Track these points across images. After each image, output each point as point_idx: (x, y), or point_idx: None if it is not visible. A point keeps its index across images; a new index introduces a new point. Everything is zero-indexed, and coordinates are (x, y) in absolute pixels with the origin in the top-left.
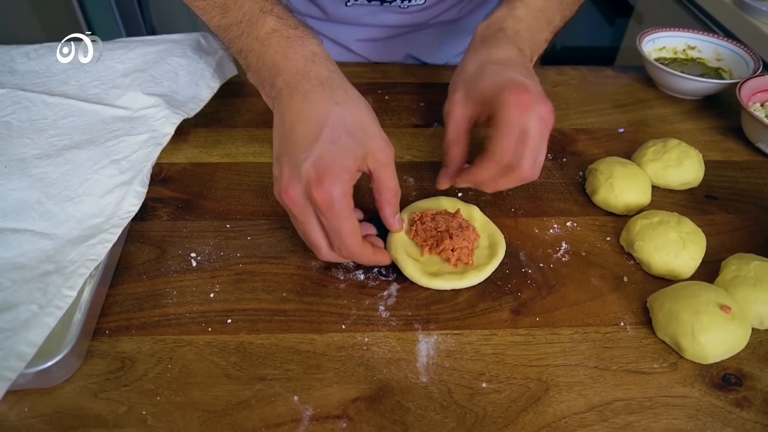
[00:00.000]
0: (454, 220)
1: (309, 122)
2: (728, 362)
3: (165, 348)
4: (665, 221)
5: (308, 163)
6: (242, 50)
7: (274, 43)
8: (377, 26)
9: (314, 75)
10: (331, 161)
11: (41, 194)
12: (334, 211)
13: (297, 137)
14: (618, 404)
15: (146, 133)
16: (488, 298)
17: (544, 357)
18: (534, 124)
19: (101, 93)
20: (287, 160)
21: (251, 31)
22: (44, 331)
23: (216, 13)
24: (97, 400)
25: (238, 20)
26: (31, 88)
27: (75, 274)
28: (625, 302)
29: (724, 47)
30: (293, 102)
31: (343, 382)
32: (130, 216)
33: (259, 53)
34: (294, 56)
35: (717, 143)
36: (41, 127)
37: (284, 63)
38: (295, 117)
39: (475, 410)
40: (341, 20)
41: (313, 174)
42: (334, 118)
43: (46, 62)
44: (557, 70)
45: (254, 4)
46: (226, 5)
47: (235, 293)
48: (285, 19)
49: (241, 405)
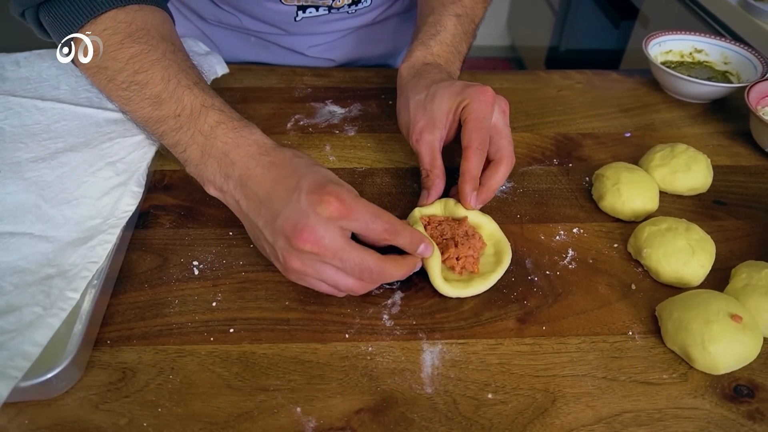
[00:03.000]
0: (460, 228)
1: (284, 177)
2: (740, 373)
3: (166, 358)
4: (674, 228)
5: (303, 200)
6: (179, 143)
7: (221, 135)
8: (329, 32)
9: (271, 151)
10: (322, 186)
11: (38, 197)
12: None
13: (279, 196)
14: (627, 416)
15: (140, 135)
16: (494, 306)
17: (551, 367)
18: (499, 117)
19: (93, 97)
20: (276, 229)
21: (192, 124)
22: (49, 332)
23: (147, 105)
24: (97, 412)
25: (176, 113)
26: (23, 94)
27: (78, 277)
28: (633, 311)
29: (731, 50)
30: (262, 175)
31: (347, 393)
32: (127, 216)
33: (204, 146)
34: (244, 143)
35: (725, 148)
36: (34, 131)
37: (237, 152)
38: (270, 184)
39: (481, 422)
40: (293, 32)
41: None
42: (300, 161)
43: (37, 68)
44: (563, 73)
45: (195, 98)
46: (161, 98)
47: (238, 302)
48: (227, 112)
49: (243, 416)
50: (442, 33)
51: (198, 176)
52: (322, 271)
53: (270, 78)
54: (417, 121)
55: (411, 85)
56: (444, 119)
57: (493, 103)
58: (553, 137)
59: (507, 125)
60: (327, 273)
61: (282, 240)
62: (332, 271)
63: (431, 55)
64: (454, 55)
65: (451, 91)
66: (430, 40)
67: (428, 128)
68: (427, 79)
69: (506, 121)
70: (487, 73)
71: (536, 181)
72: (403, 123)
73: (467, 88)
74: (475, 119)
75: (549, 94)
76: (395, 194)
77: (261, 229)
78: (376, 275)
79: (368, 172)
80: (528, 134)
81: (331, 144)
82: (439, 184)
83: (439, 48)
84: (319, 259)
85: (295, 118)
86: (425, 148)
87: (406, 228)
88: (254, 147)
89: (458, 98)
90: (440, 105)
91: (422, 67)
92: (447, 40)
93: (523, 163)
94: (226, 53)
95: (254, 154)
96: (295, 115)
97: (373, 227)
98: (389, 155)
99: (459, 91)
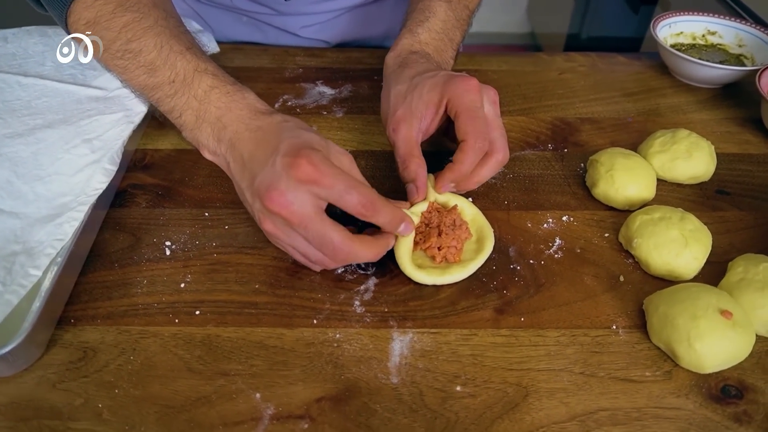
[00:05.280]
0: (448, 217)
1: (267, 140)
2: (729, 372)
3: (129, 339)
4: (667, 217)
5: (278, 162)
6: (174, 109)
7: (215, 99)
8: (320, 13)
9: (261, 115)
10: (298, 149)
11: (11, 173)
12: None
13: (259, 158)
14: (602, 414)
15: (120, 112)
16: (471, 295)
17: (526, 360)
18: (489, 108)
19: (77, 74)
20: (253, 190)
21: (187, 90)
22: (5, 309)
23: (141, 72)
24: (54, 391)
25: (170, 80)
26: (7, 70)
27: (42, 254)
28: (619, 304)
29: (746, 32)
30: (249, 138)
31: (309, 381)
32: (97, 193)
33: (198, 111)
34: (236, 107)
35: (733, 135)
36: (14, 107)
37: (229, 116)
38: (253, 146)
39: (447, 415)
40: (285, 12)
41: (286, 162)
42: (287, 125)
43: (24, 44)
44: (566, 56)
45: (188, 64)
46: (155, 65)
47: (207, 284)
48: (221, 76)
49: (200, 401)
50: (431, 19)
51: (194, 140)
52: (293, 237)
53: (262, 58)
54: (395, 111)
55: (395, 75)
56: (424, 111)
57: (479, 91)
58: (550, 122)
59: (498, 116)
60: (297, 240)
61: (258, 202)
62: (301, 240)
63: (418, 43)
64: (445, 43)
65: (433, 81)
66: (418, 27)
67: (406, 119)
68: (411, 69)
69: (497, 111)
70: (487, 55)
71: (528, 167)
72: (383, 113)
73: (451, 80)
74: (466, 110)
75: (549, 77)
76: (379, 177)
77: (244, 190)
78: (340, 254)
79: (354, 154)
80: (523, 118)
81: (317, 125)
82: (421, 174)
83: (427, 35)
84: (288, 224)
85: (284, 99)
86: (401, 138)
87: (386, 204)
88: (246, 111)
89: (441, 90)
90: (420, 96)
91: (408, 56)
92: (437, 27)
93: (516, 148)
94: (219, 34)
95: (245, 117)
96: (284, 96)
97: (347, 198)
98: (376, 137)
99: (442, 82)
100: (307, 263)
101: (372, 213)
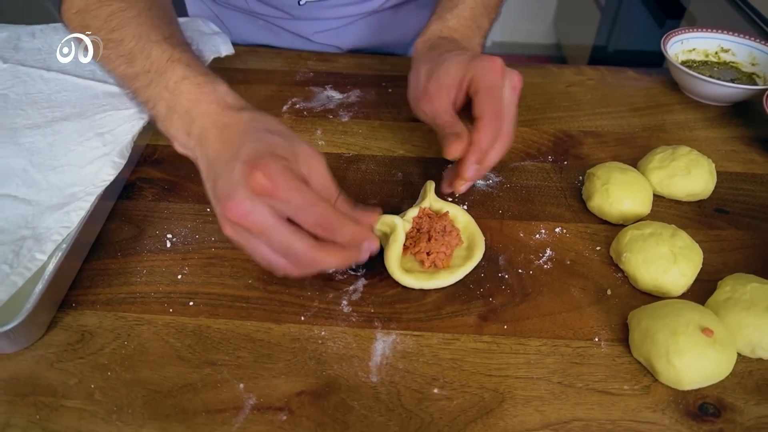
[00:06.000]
0: (439, 223)
1: (231, 141)
2: (709, 390)
3: (125, 325)
4: (657, 233)
5: (237, 169)
6: (149, 99)
7: (185, 91)
8: (334, 18)
9: (229, 111)
10: (257, 157)
11: (27, 162)
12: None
13: (222, 160)
14: (576, 424)
15: (132, 108)
16: (457, 301)
17: (505, 367)
18: (507, 92)
19: (96, 69)
20: (214, 193)
21: (160, 80)
22: (11, 289)
23: (121, 62)
24: (51, 370)
25: (146, 69)
26: (32, 64)
27: (48, 240)
28: (604, 317)
29: (760, 51)
30: (215, 136)
31: (292, 374)
32: (104, 185)
33: (170, 102)
34: (206, 100)
35: (739, 154)
36: (36, 100)
37: (198, 108)
38: (219, 145)
39: (422, 416)
40: (299, 17)
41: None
42: (254, 125)
43: (49, 40)
44: (575, 69)
45: (162, 53)
46: (133, 54)
47: (202, 276)
48: (194, 67)
49: (186, 387)
50: (460, 6)
51: (166, 132)
52: (254, 245)
53: (275, 61)
54: (425, 87)
55: (423, 57)
56: (452, 85)
57: (501, 72)
58: (553, 133)
59: (514, 103)
60: (259, 247)
61: (218, 206)
62: (263, 247)
63: (447, 28)
64: (473, 30)
65: (459, 59)
66: (447, 14)
67: (437, 94)
68: (439, 50)
69: (514, 97)
70: None
71: (525, 177)
72: (411, 93)
73: (476, 59)
74: (485, 88)
75: (557, 89)
76: (377, 182)
77: (208, 191)
78: (305, 262)
79: (354, 158)
80: (526, 129)
81: (323, 128)
82: (464, 142)
83: (456, 21)
84: (248, 232)
85: (292, 101)
86: (438, 108)
87: (345, 224)
88: (215, 105)
89: (465, 66)
90: (447, 71)
91: (437, 40)
92: (465, 13)
93: (516, 159)
94: (236, 35)
95: (213, 112)
96: (293, 98)
97: (302, 216)
98: (378, 142)
99: (467, 59)
100: (270, 269)
101: (329, 233)
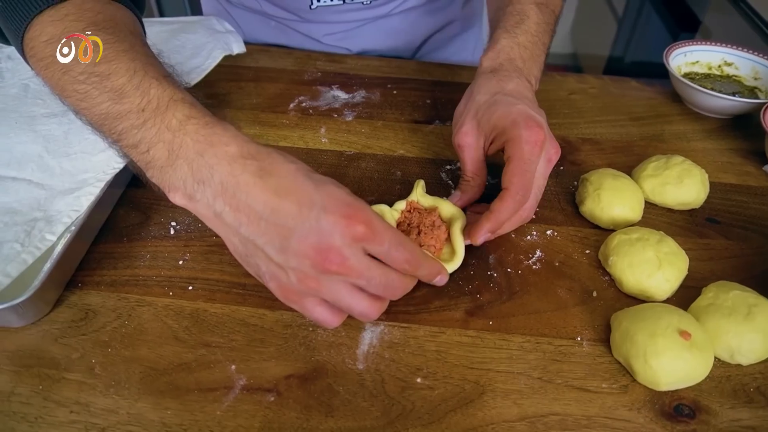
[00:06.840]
0: (428, 218)
1: (288, 190)
2: (685, 392)
3: (127, 305)
4: (644, 238)
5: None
6: (142, 141)
7: (192, 131)
8: (344, 22)
9: (256, 154)
10: (343, 205)
11: (42, 149)
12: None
13: (290, 215)
14: (553, 418)
15: None
16: (445, 296)
17: (487, 361)
18: (542, 164)
19: None
20: (288, 248)
21: (159, 120)
22: (21, 267)
23: (105, 99)
24: (56, 345)
25: (140, 108)
26: None
27: (59, 222)
28: (588, 317)
29: (762, 65)
30: (254, 183)
31: (282, 359)
32: (114, 172)
33: (172, 144)
34: (219, 142)
35: (734, 165)
36: None
37: (212, 151)
38: (271, 197)
39: (403, 403)
40: (309, 20)
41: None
42: (295, 167)
43: None
44: (578, 77)
45: (163, 91)
46: (123, 91)
47: (203, 263)
48: (198, 106)
49: (181, 366)
50: (526, 22)
51: (161, 182)
52: (337, 291)
53: (285, 60)
54: (465, 122)
55: (485, 80)
56: (491, 133)
57: (541, 147)
58: None
59: (545, 176)
60: (341, 294)
61: (297, 260)
62: (346, 291)
63: (517, 46)
64: (539, 48)
65: (509, 112)
66: (516, 29)
67: (473, 135)
68: (500, 81)
69: (547, 171)
70: None
71: None
72: (457, 113)
73: (524, 118)
74: (519, 159)
75: (558, 97)
76: (376, 179)
77: (261, 246)
78: (400, 292)
79: (356, 156)
80: None
81: (326, 126)
82: (476, 194)
83: (524, 38)
84: (342, 279)
85: (299, 100)
86: (469, 153)
87: (426, 259)
88: (233, 147)
89: (511, 125)
90: (495, 120)
91: (503, 62)
92: (531, 29)
93: None
94: (249, 35)
95: (235, 156)
96: (300, 97)
97: (394, 255)
98: (380, 142)
99: (516, 118)
100: (329, 320)
101: (414, 268)
